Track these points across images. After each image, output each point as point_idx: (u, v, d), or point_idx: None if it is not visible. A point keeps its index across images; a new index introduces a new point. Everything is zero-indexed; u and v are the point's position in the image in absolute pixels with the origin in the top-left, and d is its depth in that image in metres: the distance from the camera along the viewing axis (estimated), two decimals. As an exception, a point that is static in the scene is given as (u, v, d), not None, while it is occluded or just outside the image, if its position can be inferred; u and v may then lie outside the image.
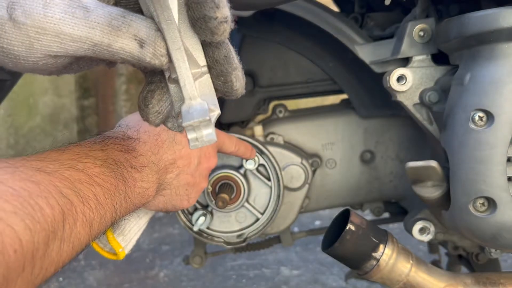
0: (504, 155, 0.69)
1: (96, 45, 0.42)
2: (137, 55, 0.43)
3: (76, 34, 0.41)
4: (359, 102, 1.04)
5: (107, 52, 0.43)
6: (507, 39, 0.69)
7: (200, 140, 0.44)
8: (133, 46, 0.43)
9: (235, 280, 1.79)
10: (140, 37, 0.43)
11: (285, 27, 1.02)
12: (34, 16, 0.40)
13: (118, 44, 0.42)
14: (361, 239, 0.81)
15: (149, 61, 0.43)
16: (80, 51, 0.42)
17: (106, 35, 0.42)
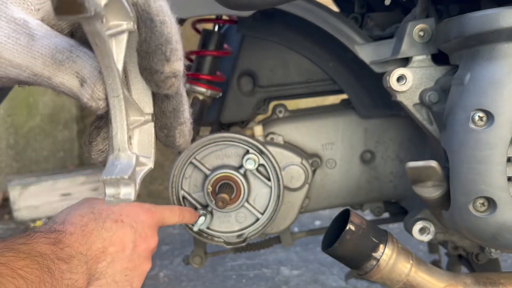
0: (504, 155, 0.69)
1: (36, 75, 0.40)
2: (76, 93, 0.41)
3: (15, 61, 0.39)
4: (359, 102, 1.04)
5: (47, 84, 0.40)
6: (507, 39, 0.69)
7: (116, 197, 0.41)
8: (74, 83, 0.40)
9: (235, 280, 1.79)
10: (82, 75, 0.40)
11: (285, 27, 1.02)
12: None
13: (58, 79, 0.40)
14: (361, 239, 0.81)
15: (86, 102, 0.41)
16: (21, 77, 0.40)
17: (47, 68, 0.40)
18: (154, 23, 0.40)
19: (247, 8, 0.73)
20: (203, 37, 1.01)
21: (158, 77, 0.40)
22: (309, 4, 0.90)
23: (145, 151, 0.45)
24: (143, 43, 0.40)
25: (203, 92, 0.98)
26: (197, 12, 0.87)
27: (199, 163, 0.95)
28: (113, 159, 0.42)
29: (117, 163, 0.42)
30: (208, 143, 0.94)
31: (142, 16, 0.40)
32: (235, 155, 0.95)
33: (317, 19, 0.90)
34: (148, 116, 0.45)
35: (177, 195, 0.95)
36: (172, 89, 0.42)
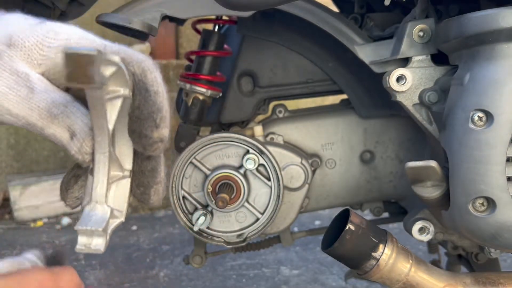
0: (503, 155, 0.69)
1: (29, 124, 0.43)
2: (65, 145, 0.44)
3: (14, 111, 0.42)
4: (359, 102, 1.04)
5: (39, 132, 0.43)
6: (506, 39, 0.70)
7: (87, 247, 0.44)
8: (64, 136, 0.43)
9: (235, 279, 1.79)
10: (73, 129, 0.43)
11: (285, 28, 1.02)
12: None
13: (50, 130, 0.43)
14: (361, 238, 0.81)
15: (73, 154, 0.44)
16: (16, 124, 0.43)
17: (41, 120, 0.42)
18: (149, 93, 0.43)
19: (247, 8, 0.73)
20: (203, 38, 1.01)
21: (146, 141, 0.44)
22: (309, 4, 0.91)
23: (119, 205, 0.47)
24: (136, 109, 0.43)
25: (203, 92, 0.98)
26: (198, 13, 0.87)
27: (199, 163, 0.95)
28: (89, 210, 0.45)
29: (92, 214, 0.44)
30: (208, 143, 0.94)
31: (138, 85, 0.43)
32: (235, 155, 0.95)
33: (317, 19, 0.90)
34: (126, 172, 0.48)
35: (177, 195, 0.95)
36: (157, 152, 0.45)
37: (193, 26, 1.07)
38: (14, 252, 2.13)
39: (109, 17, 0.84)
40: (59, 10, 0.92)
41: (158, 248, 2.16)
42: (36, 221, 2.59)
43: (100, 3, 1.10)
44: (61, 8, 0.92)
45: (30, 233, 2.40)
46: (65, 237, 2.33)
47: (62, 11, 0.92)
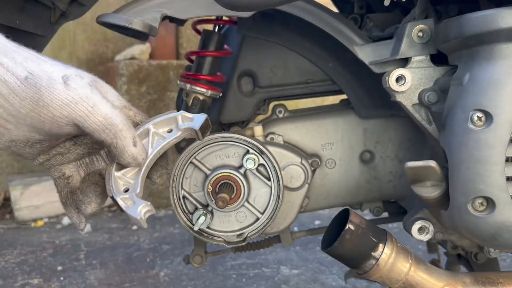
0: (503, 155, 0.69)
1: (112, 125, 0.58)
2: (127, 148, 0.60)
3: (105, 111, 0.58)
4: (359, 102, 1.04)
5: (113, 135, 0.59)
6: (506, 39, 0.70)
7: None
8: (130, 142, 0.61)
9: (235, 279, 1.80)
10: (135, 140, 0.62)
11: (284, 28, 1.02)
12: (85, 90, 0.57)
13: (125, 134, 0.60)
14: (361, 238, 0.81)
15: (132, 155, 0.62)
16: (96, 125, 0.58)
17: (122, 123, 0.59)
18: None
19: (247, 9, 0.74)
20: (204, 38, 1.02)
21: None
22: (308, 5, 0.91)
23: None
24: None
25: (203, 92, 0.98)
26: (198, 13, 0.88)
27: (200, 163, 0.95)
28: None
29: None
30: (208, 143, 0.95)
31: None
32: (235, 155, 0.95)
33: (316, 20, 0.91)
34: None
35: (178, 194, 0.96)
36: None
37: (193, 27, 1.07)
38: (15, 252, 2.14)
39: (110, 17, 0.84)
40: (59, 10, 0.92)
41: (158, 247, 2.16)
42: (36, 221, 2.59)
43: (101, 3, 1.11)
44: (62, 8, 0.92)
45: (31, 233, 2.40)
46: (66, 237, 2.33)
47: (62, 11, 0.92)
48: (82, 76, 0.58)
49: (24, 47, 0.58)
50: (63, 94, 0.55)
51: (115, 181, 0.63)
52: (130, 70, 2.77)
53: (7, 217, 2.68)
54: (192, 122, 0.66)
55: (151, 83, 2.80)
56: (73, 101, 0.55)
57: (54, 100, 0.55)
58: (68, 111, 0.55)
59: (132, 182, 0.64)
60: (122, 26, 0.83)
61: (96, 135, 0.58)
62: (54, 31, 0.97)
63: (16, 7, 0.88)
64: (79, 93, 0.56)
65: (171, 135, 0.66)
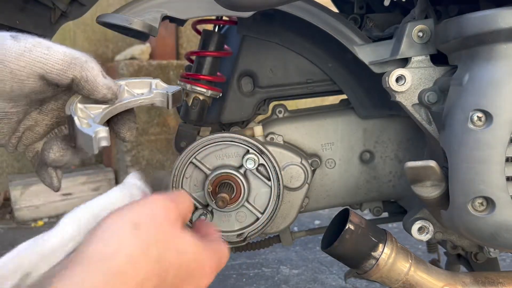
0: (502, 155, 0.69)
1: (75, 58, 0.57)
2: (101, 80, 0.59)
3: (62, 49, 0.57)
4: (358, 102, 1.04)
5: (80, 67, 0.57)
6: (505, 39, 0.70)
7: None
8: (100, 74, 0.59)
9: (235, 279, 1.80)
10: (104, 74, 0.60)
11: (284, 28, 1.02)
12: (34, 39, 0.56)
13: (91, 64, 0.58)
14: (360, 238, 0.82)
15: (106, 88, 0.59)
16: (59, 65, 0.56)
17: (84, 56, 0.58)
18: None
19: (247, 9, 0.74)
20: (204, 38, 1.02)
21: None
22: (308, 5, 0.91)
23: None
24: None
25: (203, 92, 0.98)
26: (198, 13, 0.88)
27: (200, 163, 0.95)
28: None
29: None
30: (209, 143, 0.95)
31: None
32: (235, 155, 0.95)
33: (316, 20, 0.91)
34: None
35: (178, 194, 0.96)
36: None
37: (193, 27, 1.07)
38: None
39: (110, 17, 0.84)
40: (59, 10, 0.92)
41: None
42: (36, 221, 2.59)
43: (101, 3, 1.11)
44: (62, 8, 0.92)
45: (31, 233, 2.39)
46: (66, 236, 2.33)
47: (62, 11, 0.92)
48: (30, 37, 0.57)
49: None
50: (15, 47, 0.54)
51: (75, 109, 0.60)
52: (130, 70, 2.77)
53: (7, 217, 2.68)
54: (164, 89, 0.67)
55: (151, 83, 2.80)
56: (26, 49, 0.54)
57: (8, 54, 0.53)
58: (25, 60, 0.54)
59: (92, 116, 0.61)
60: (122, 26, 0.83)
61: (62, 76, 0.56)
62: (54, 31, 0.97)
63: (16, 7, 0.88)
64: (31, 42, 0.55)
65: (141, 95, 0.66)
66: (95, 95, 0.59)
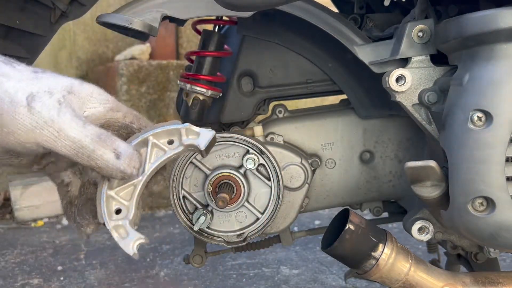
0: (502, 155, 0.69)
1: (82, 147, 0.54)
2: (112, 164, 0.55)
3: (71, 135, 0.53)
4: (358, 102, 1.04)
5: (87, 157, 0.55)
6: (505, 39, 0.70)
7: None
8: (111, 156, 0.55)
9: (235, 279, 1.80)
10: (118, 151, 0.56)
11: (284, 28, 1.02)
12: (50, 112, 0.53)
13: (99, 152, 0.55)
14: (361, 238, 0.81)
15: (122, 169, 0.56)
16: (66, 150, 0.54)
17: (93, 143, 0.54)
18: None
19: (247, 9, 0.74)
20: (204, 38, 1.02)
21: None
22: (308, 5, 0.91)
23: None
24: None
25: (203, 92, 0.98)
26: (198, 13, 0.88)
27: (200, 163, 0.95)
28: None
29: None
30: (208, 143, 0.95)
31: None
32: (235, 155, 0.95)
33: (316, 20, 0.91)
34: None
35: (178, 194, 0.96)
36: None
37: (193, 27, 1.07)
38: (15, 252, 2.14)
39: (110, 17, 0.84)
40: (59, 10, 0.92)
41: (158, 247, 2.16)
42: (36, 221, 2.59)
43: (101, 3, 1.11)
44: (62, 8, 0.92)
45: (31, 233, 2.40)
46: (66, 237, 2.33)
47: (62, 11, 0.92)
48: (51, 91, 0.54)
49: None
50: (26, 120, 0.52)
51: (106, 201, 0.59)
52: (130, 70, 2.77)
53: (7, 217, 2.68)
54: (197, 139, 0.60)
55: (151, 83, 2.80)
56: (37, 126, 0.52)
57: (18, 127, 0.52)
58: (34, 137, 0.52)
59: (125, 204, 0.59)
60: (122, 26, 0.83)
61: (71, 159, 0.55)
62: (54, 31, 0.97)
63: (16, 7, 0.88)
64: (44, 117, 0.52)
65: (172, 149, 0.60)
66: (113, 177, 0.58)
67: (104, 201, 0.59)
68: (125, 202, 0.59)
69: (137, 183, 0.59)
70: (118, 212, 0.59)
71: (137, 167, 0.57)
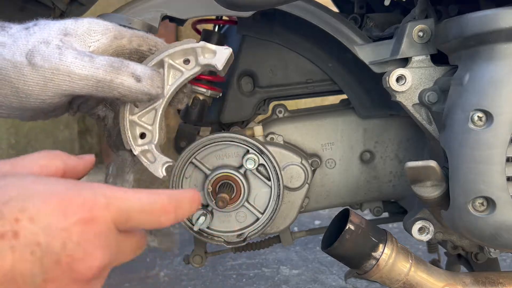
0: (503, 155, 0.69)
1: (99, 81, 0.53)
2: (135, 89, 0.54)
3: (83, 73, 0.52)
4: (359, 102, 1.04)
5: (108, 88, 0.53)
6: (506, 39, 0.70)
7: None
8: (131, 81, 0.54)
9: (235, 279, 1.80)
10: (137, 74, 0.55)
11: (284, 28, 1.02)
12: (51, 61, 0.52)
13: (118, 80, 0.53)
14: (361, 238, 0.81)
15: (147, 91, 0.55)
16: (85, 89, 0.53)
17: (108, 74, 0.53)
18: None
19: (247, 8, 0.74)
20: (203, 38, 1.01)
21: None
22: (309, 4, 0.91)
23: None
24: None
25: (203, 92, 0.98)
26: (198, 13, 0.88)
27: (199, 163, 0.95)
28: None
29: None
30: (208, 143, 0.95)
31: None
32: (235, 155, 0.95)
33: (316, 19, 0.91)
34: None
35: (178, 195, 0.95)
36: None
37: (193, 26, 1.07)
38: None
39: (110, 17, 0.84)
40: (59, 10, 0.93)
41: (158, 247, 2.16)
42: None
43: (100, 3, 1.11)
44: (61, 8, 0.92)
45: (30, 233, 2.39)
46: (65, 237, 2.33)
47: (62, 11, 0.92)
48: (47, 40, 0.53)
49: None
50: (35, 78, 0.52)
51: (130, 127, 0.59)
52: (130, 70, 2.77)
53: (7, 217, 2.68)
54: (214, 58, 0.59)
55: (151, 83, 2.80)
56: (47, 79, 0.52)
57: (31, 88, 0.52)
58: (51, 89, 0.52)
59: (149, 128, 0.59)
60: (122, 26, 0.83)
61: (94, 96, 0.55)
62: (54, 31, 0.97)
63: (16, 7, 0.88)
64: (49, 68, 0.52)
65: (189, 69, 0.60)
66: (140, 101, 0.58)
67: (128, 127, 0.59)
68: (149, 126, 0.60)
69: (157, 106, 0.59)
70: (143, 137, 0.60)
71: (161, 86, 0.57)
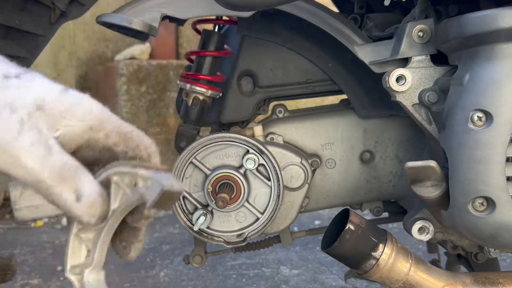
0: (503, 155, 0.69)
1: (39, 182, 0.46)
2: (69, 205, 0.47)
3: (29, 166, 0.46)
4: (359, 102, 1.04)
5: (45, 191, 0.47)
6: (506, 39, 0.70)
7: None
8: (70, 197, 0.47)
9: (235, 279, 1.80)
10: (80, 192, 0.47)
11: (284, 28, 1.02)
12: (6, 136, 0.45)
13: (57, 189, 0.46)
14: (361, 238, 0.81)
15: (79, 214, 0.47)
16: (22, 180, 0.47)
17: (52, 179, 0.46)
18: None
19: (247, 8, 0.74)
20: (203, 38, 1.02)
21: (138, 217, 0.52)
22: (308, 5, 0.91)
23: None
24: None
25: (203, 92, 0.98)
26: (198, 13, 0.88)
27: (199, 163, 0.95)
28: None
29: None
30: (208, 143, 0.95)
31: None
32: (235, 155, 0.95)
33: (316, 19, 0.91)
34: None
35: (178, 195, 0.95)
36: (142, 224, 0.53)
37: (193, 26, 1.07)
38: (15, 252, 2.14)
39: (110, 17, 0.84)
40: (59, 10, 0.92)
41: (158, 248, 2.16)
42: (36, 221, 2.59)
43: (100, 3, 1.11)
44: (61, 8, 0.92)
45: (31, 233, 2.40)
46: (65, 237, 2.33)
47: (62, 11, 0.92)
48: (14, 107, 0.45)
49: None
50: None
51: (73, 243, 0.53)
52: (130, 70, 2.77)
53: (7, 217, 2.68)
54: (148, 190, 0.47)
55: (151, 83, 2.80)
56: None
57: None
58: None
59: (91, 248, 0.53)
60: (122, 26, 0.83)
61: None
62: (54, 31, 0.97)
63: (16, 7, 0.88)
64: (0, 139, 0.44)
65: (133, 194, 0.49)
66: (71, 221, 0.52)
67: (71, 241, 0.53)
68: (91, 246, 0.54)
69: (99, 229, 0.52)
70: (88, 254, 0.54)
71: (96, 215, 0.48)
